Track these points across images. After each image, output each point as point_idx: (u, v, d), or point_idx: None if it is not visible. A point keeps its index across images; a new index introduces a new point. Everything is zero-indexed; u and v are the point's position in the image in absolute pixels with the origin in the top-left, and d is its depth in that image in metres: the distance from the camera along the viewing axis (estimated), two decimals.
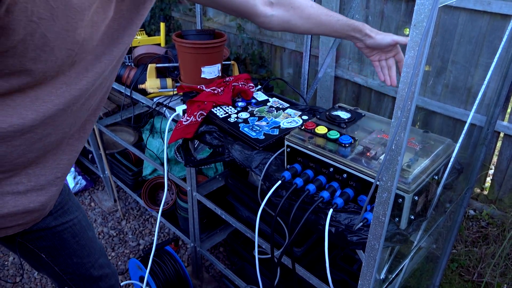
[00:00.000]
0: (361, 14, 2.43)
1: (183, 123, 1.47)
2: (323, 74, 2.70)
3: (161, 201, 1.54)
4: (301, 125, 1.19)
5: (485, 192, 2.45)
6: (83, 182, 2.74)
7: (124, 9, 0.81)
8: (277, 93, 2.53)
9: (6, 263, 2.23)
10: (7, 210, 0.87)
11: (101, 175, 2.58)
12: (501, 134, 2.22)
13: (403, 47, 1.22)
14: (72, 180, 2.68)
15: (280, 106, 1.52)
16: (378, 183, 0.76)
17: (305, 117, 1.44)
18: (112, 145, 2.63)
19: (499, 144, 2.27)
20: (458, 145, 1.06)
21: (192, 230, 1.86)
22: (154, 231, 2.39)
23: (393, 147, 0.63)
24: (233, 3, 1.12)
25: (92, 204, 2.67)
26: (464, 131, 1.08)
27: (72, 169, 2.71)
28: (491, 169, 2.43)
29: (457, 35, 2.08)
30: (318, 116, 1.24)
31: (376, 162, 1.02)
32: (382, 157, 1.04)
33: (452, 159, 1.05)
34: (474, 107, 1.10)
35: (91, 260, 1.22)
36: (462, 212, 1.40)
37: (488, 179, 2.47)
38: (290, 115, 1.46)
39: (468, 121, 1.09)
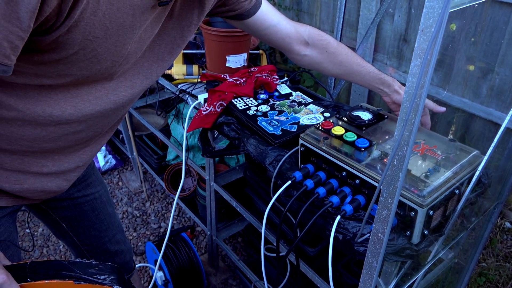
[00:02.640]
0: (404, 6, 2.29)
1: (203, 112, 1.45)
2: None
3: (179, 186, 1.54)
4: (319, 123, 1.14)
5: None
6: (113, 161, 2.80)
7: (170, 27, 0.86)
8: (306, 86, 2.46)
9: (35, 233, 2.34)
10: (27, 185, 0.92)
11: (130, 156, 2.64)
12: None
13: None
14: (103, 159, 2.75)
15: (303, 101, 1.47)
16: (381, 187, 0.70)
17: (327, 114, 1.38)
18: (142, 126, 2.67)
19: None
20: (486, 157, 0.96)
21: (209, 219, 1.86)
22: (175, 215, 2.42)
23: (395, 162, 0.58)
24: (272, 38, 1.14)
25: (120, 183, 2.74)
26: (496, 139, 0.99)
27: (103, 148, 2.78)
28: None
29: (507, 34, 1.92)
30: (338, 116, 1.18)
31: None
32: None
33: (477, 173, 0.97)
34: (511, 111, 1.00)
35: (108, 235, 1.27)
36: (489, 228, 1.30)
37: None
38: (312, 111, 1.40)
39: (504, 124, 0.99)
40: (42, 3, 0.56)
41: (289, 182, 1.07)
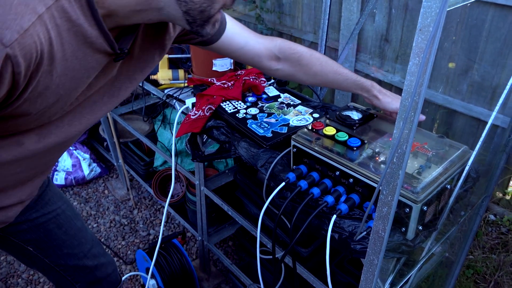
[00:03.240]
0: (384, 6, 2.33)
1: (191, 117, 1.44)
2: None
3: (169, 192, 1.53)
4: (310, 124, 1.14)
5: (508, 197, 2.34)
6: (98, 170, 2.76)
7: (130, 69, 0.85)
8: (293, 88, 2.47)
9: None
10: None
11: (115, 163, 2.60)
12: None
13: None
14: (87, 167, 2.70)
15: (291, 103, 1.47)
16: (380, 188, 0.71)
17: (316, 115, 1.39)
18: (127, 133, 2.63)
19: None
20: (474, 153, 0.99)
21: (200, 224, 1.85)
22: (164, 222, 2.39)
23: (395, 160, 0.58)
24: (241, 58, 1.12)
25: (106, 191, 2.70)
26: (483, 135, 1.01)
27: (87, 156, 2.74)
28: None
29: (485, 32, 1.97)
30: (328, 116, 1.19)
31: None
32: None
33: (467, 168, 0.99)
34: (497, 107, 1.02)
35: (83, 250, 1.21)
36: (478, 221, 1.33)
37: None
38: (301, 112, 1.41)
39: (490, 121, 1.01)
40: None
41: (283, 183, 1.08)
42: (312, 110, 1.42)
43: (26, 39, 0.56)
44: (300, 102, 1.49)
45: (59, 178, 2.66)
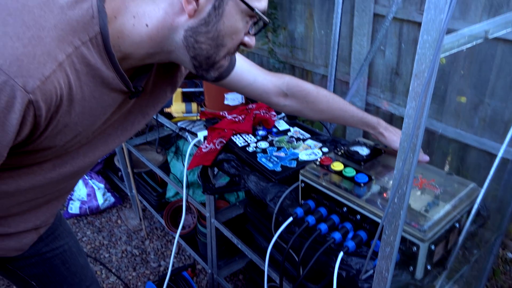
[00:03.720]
0: (394, 42, 2.37)
1: (203, 150, 1.47)
2: (352, 102, 2.64)
3: (180, 224, 1.54)
4: (318, 159, 1.16)
5: None
6: (112, 199, 2.79)
7: (143, 103, 0.90)
8: (304, 120, 2.50)
9: None
10: None
11: (129, 193, 2.63)
12: None
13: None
14: (102, 197, 2.74)
15: (301, 137, 1.49)
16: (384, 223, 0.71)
17: (325, 150, 1.40)
18: (142, 163, 2.68)
19: None
20: (483, 191, 0.98)
21: (210, 256, 1.84)
22: (175, 253, 2.39)
23: (395, 200, 0.59)
24: (249, 94, 1.16)
25: (119, 221, 2.72)
26: (491, 172, 1.01)
27: (102, 185, 2.78)
28: None
29: (495, 67, 1.98)
30: (336, 151, 1.20)
31: None
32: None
33: (475, 206, 0.98)
34: (506, 141, 1.02)
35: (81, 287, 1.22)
36: (492, 259, 1.30)
37: None
38: (310, 146, 1.42)
39: (499, 156, 1.01)
40: (16, 136, 0.63)
41: (291, 219, 1.08)
42: (321, 145, 1.44)
43: (47, 85, 0.61)
44: (309, 136, 1.50)
45: (73, 207, 2.69)
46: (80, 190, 2.73)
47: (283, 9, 3.11)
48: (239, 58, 1.10)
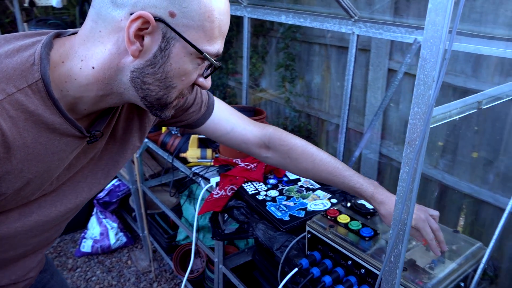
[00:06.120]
0: (407, 97, 2.43)
1: (214, 196, 1.51)
2: (363, 154, 2.67)
3: (188, 268, 1.55)
4: (325, 210, 1.18)
5: None
6: (124, 239, 2.82)
7: (113, 151, 0.88)
8: None
9: None
10: None
11: (140, 234, 2.66)
12: None
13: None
14: (114, 236, 2.77)
15: (310, 187, 1.52)
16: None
17: (334, 200, 1.42)
18: (155, 205, 2.72)
19: None
20: (489, 250, 0.98)
21: None
22: None
23: (392, 259, 0.61)
24: (227, 143, 1.11)
25: (129, 262, 2.73)
26: (497, 231, 1.01)
27: (115, 225, 2.82)
28: None
29: (508, 125, 2.00)
30: (344, 203, 1.23)
31: None
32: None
33: (481, 265, 0.98)
34: None
35: None
36: None
37: None
38: (319, 197, 1.45)
39: (507, 210, 1.01)
40: None
41: (296, 269, 1.09)
42: (330, 195, 1.46)
43: None
44: (319, 186, 1.53)
45: (86, 246, 2.73)
46: (94, 229, 2.77)
47: (301, 60, 3.23)
48: (219, 105, 1.08)
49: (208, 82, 0.76)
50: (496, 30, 1.97)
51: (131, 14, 0.64)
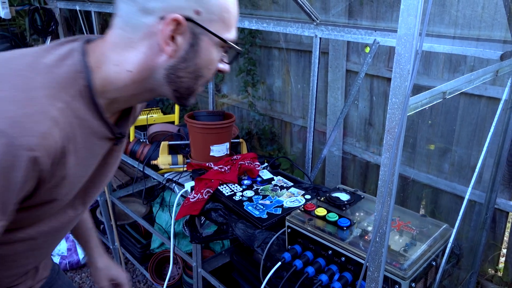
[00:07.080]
0: (366, 95, 2.55)
1: (190, 200, 1.53)
2: (330, 151, 2.77)
3: (167, 275, 1.55)
4: (302, 205, 1.23)
5: (499, 274, 2.36)
6: None
7: (116, 151, 0.91)
8: (285, 169, 2.59)
9: None
10: None
11: (111, 246, 2.60)
12: (510, 214, 2.20)
13: None
14: (82, 251, 2.70)
15: (284, 185, 1.58)
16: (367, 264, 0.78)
17: (308, 196, 1.48)
18: (124, 216, 2.68)
19: (509, 224, 2.23)
20: (454, 230, 1.07)
21: None
22: None
23: (377, 239, 0.67)
24: None
25: None
26: (460, 213, 1.11)
27: None
28: (504, 248, 2.37)
29: (459, 117, 2.16)
30: (319, 197, 1.29)
31: None
32: None
33: (449, 245, 1.07)
34: (471, 184, 1.13)
35: None
36: None
37: (502, 259, 2.40)
38: (294, 194, 1.50)
39: (466, 197, 1.11)
40: (19, 193, 0.66)
41: (279, 263, 1.14)
42: (304, 192, 1.52)
43: (46, 141, 0.65)
44: (292, 184, 1.59)
45: None
46: (60, 245, 2.68)
47: (262, 65, 3.30)
48: None
49: (227, 66, 0.82)
50: (443, 29, 2.13)
51: (161, 19, 0.68)
